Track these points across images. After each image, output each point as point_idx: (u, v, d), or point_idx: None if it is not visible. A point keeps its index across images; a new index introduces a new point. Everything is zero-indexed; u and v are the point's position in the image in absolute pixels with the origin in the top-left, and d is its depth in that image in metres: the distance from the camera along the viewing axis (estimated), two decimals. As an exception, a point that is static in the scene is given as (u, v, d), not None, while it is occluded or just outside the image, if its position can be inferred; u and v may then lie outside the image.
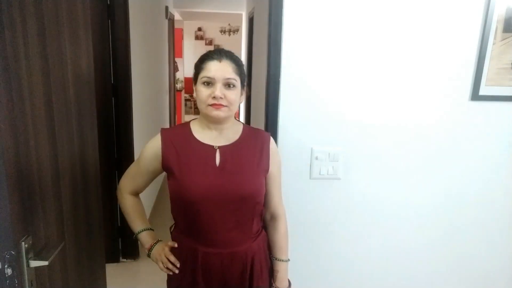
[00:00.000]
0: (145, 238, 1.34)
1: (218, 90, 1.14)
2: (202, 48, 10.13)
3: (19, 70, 0.88)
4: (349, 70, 1.46)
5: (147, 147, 1.29)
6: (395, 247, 1.68)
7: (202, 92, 1.17)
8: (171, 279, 1.32)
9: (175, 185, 1.20)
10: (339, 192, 1.58)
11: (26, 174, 0.91)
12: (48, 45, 1.01)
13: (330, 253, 1.65)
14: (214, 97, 1.14)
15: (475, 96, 1.53)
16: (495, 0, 1.44)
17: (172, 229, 1.35)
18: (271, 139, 1.29)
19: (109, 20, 2.53)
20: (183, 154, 1.22)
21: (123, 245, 2.92)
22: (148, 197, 3.62)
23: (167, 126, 5.32)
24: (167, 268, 1.27)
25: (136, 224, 1.36)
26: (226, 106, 1.16)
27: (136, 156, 2.84)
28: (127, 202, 1.36)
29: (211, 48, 10.07)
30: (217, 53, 1.18)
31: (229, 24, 9.48)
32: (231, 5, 6.07)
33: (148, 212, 3.63)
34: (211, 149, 1.22)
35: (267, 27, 1.46)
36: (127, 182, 1.36)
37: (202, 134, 1.24)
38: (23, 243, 0.89)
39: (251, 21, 4.89)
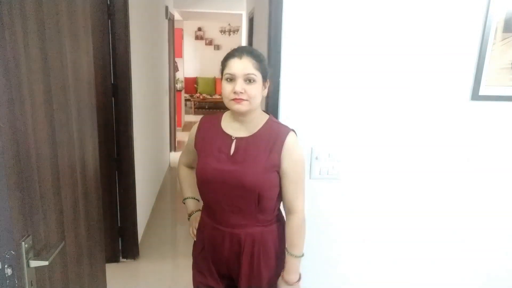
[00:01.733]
0: (189, 205, 1.56)
1: (239, 85, 1.23)
2: (202, 48, 10.14)
3: (19, 70, 0.88)
4: (349, 70, 1.46)
5: (191, 129, 1.48)
6: (395, 247, 1.68)
7: (225, 88, 1.27)
8: (193, 246, 1.53)
9: (197, 165, 1.38)
10: (339, 192, 1.58)
11: (26, 174, 0.91)
12: (48, 45, 1.01)
13: (330, 253, 1.65)
14: (235, 92, 1.23)
15: (475, 96, 1.53)
16: (495, 0, 1.44)
17: None
18: (290, 136, 1.30)
19: (109, 20, 2.53)
20: (207, 140, 1.38)
21: (123, 245, 2.91)
22: (149, 196, 3.62)
23: (167, 126, 5.37)
24: (193, 233, 1.51)
25: (185, 191, 1.58)
26: (246, 100, 1.24)
27: (136, 156, 2.86)
28: (181, 172, 1.61)
29: (211, 48, 10.08)
30: (239, 51, 1.27)
31: (229, 24, 9.48)
32: (231, 5, 6.06)
33: (148, 210, 3.64)
34: (229, 138, 1.34)
35: (267, 27, 1.46)
36: (183, 156, 1.60)
37: (227, 124, 1.37)
38: (23, 243, 0.89)
39: (251, 21, 4.88)
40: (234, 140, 1.32)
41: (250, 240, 1.34)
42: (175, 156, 5.50)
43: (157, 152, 4.25)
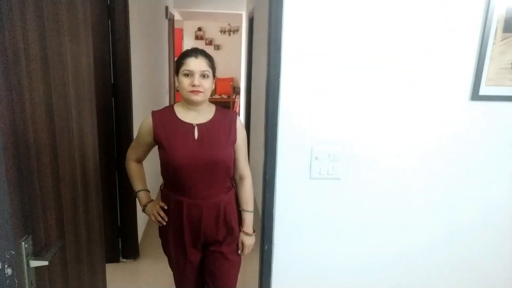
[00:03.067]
0: (142, 197, 1.72)
1: (196, 80, 1.50)
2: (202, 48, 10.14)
3: (19, 70, 0.88)
4: (349, 70, 1.46)
5: (142, 125, 1.65)
6: (395, 247, 1.68)
7: (184, 81, 1.52)
8: (161, 227, 1.72)
9: (165, 154, 1.57)
10: (339, 192, 1.58)
11: (26, 174, 0.91)
12: (48, 45, 1.01)
13: (330, 253, 1.65)
14: (193, 85, 1.50)
15: (475, 96, 1.53)
16: (495, 0, 1.44)
17: (161, 187, 1.71)
18: (238, 118, 1.66)
19: (109, 20, 2.53)
20: (169, 131, 1.57)
21: (123, 245, 2.92)
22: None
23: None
24: (158, 220, 1.67)
25: (137, 185, 1.73)
26: (202, 92, 1.52)
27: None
28: (131, 167, 1.74)
29: (211, 48, 10.09)
30: (194, 51, 1.54)
31: (229, 24, 9.49)
32: (231, 5, 6.07)
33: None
34: (190, 126, 1.57)
35: (267, 27, 1.46)
36: (131, 153, 1.75)
37: (183, 114, 1.59)
38: (23, 243, 0.90)
39: (251, 21, 4.89)
40: (196, 127, 1.57)
41: (224, 204, 1.63)
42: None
43: (157, 152, 4.25)
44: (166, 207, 1.64)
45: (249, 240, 1.70)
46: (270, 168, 1.52)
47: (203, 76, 1.52)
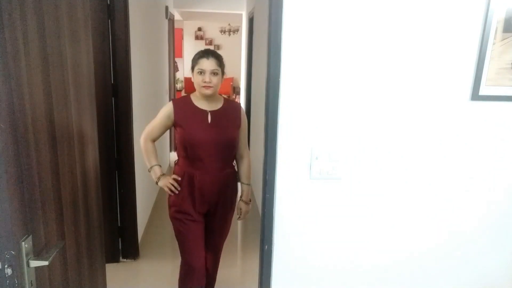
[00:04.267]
0: (157, 170, 2.05)
1: (208, 77, 1.87)
2: (202, 48, 10.14)
3: (19, 70, 0.88)
4: (349, 70, 1.46)
5: (163, 110, 2.01)
6: (395, 247, 1.68)
7: (197, 78, 1.89)
8: (173, 197, 2.02)
9: (183, 134, 1.93)
10: (339, 192, 1.58)
11: (26, 174, 0.91)
12: (48, 45, 1.01)
13: (330, 253, 1.65)
14: (205, 82, 1.87)
15: (475, 96, 1.53)
16: (495, 1, 1.44)
17: (176, 163, 2.08)
18: (241, 107, 2.11)
19: (109, 20, 2.53)
20: (188, 114, 1.94)
21: (123, 245, 2.92)
22: (149, 196, 3.62)
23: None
24: (171, 190, 1.98)
25: (152, 160, 2.06)
26: (212, 87, 1.89)
27: (136, 156, 2.86)
28: (148, 145, 2.05)
29: (211, 48, 10.09)
30: (206, 53, 1.91)
31: (229, 24, 9.49)
32: (231, 5, 6.07)
33: (149, 210, 3.64)
34: (205, 112, 1.95)
35: (267, 27, 1.46)
36: (148, 133, 2.05)
37: (199, 102, 1.97)
38: (23, 243, 0.90)
39: (251, 21, 4.89)
40: (209, 113, 1.94)
41: (227, 177, 2.02)
42: (175, 156, 5.50)
43: (157, 152, 4.25)
44: (179, 179, 1.97)
45: (246, 207, 2.13)
46: (270, 168, 1.52)
47: (213, 73, 1.87)
